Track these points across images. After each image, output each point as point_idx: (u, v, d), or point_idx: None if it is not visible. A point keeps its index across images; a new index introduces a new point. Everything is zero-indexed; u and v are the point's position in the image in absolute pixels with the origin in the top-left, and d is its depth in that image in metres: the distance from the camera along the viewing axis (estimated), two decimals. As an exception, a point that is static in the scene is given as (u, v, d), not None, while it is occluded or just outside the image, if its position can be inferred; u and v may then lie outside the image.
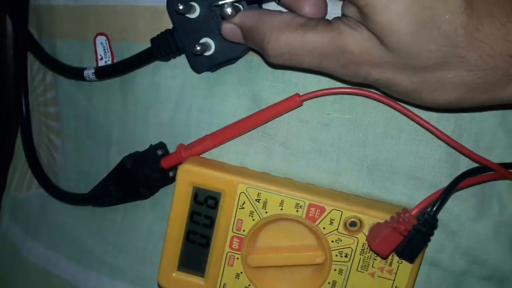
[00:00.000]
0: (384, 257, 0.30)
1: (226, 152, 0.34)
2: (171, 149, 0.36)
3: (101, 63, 0.38)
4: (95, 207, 0.40)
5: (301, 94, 0.31)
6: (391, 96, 0.28)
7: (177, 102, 0.35)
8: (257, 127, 0.33)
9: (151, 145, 0.36)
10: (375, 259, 0.31)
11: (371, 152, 0.32)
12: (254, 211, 0.31)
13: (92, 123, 0.39)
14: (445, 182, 0.30)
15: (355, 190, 0.33)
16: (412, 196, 0.32)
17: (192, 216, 0.32)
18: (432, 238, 0.30)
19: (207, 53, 0.32)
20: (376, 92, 0.30)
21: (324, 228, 0.31)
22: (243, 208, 0.31)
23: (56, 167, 0.43)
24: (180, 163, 0.34)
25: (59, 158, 0.43)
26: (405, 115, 0.30)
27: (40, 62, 0.43)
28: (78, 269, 0.41)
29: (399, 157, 0.32)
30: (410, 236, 0.28)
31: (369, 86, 0.29)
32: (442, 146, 0.31)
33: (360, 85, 0.30)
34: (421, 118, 0.30)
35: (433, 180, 0.32)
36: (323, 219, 0.31)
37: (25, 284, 0.44)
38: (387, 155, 0.32)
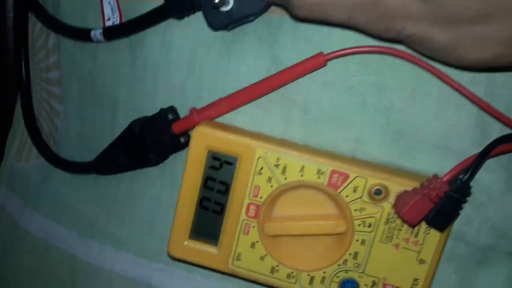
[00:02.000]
0: (413, 226, 0.28)
1: (242, 117, 0.32)
2: (182, 114, 0.34)
3: (109, 24, 0.36)
4: (98, 176, 0.38)
5: (325, 53, 0.29)
6: (423, 54, 0.27)
7: (190, 63, 0.33)
8: (276, 89, 0.31)
9: (161, 108, 0.34)
10: (400, 230, 0.29)
11: (397, 118, 0.30)
12: (273, 177, 0.29)
13: (97, 86, 0.37)
14: (474, 151, 0.29)
15: (379, 158, 0.31)
16: (439, 165, 0.30)
17: (206, 182, 0.31)
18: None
19: (225, 9, 0.30)
20: (405, 51, 0.28)
21: (347, 196, 0.29)
22: (261, 173, 0.30)
23: (57, 135, 0.41)
24: (193, 127, 0.32)
25: (61, 125, 0.40)
26: (435, 75, 0.28)
27: (42, 24, 0.40)
28: (79, 240, 0.39)
29: (426, 124, 0.30)
30: (441, 203, 0.27)
31: (398, 44, 0.27)
32: (472, 112, 0.29)
33: (390, 42, 0.28)
34: (452, 80, 0.28)
35: (461, 149, 0.30)
36: (346, 186, 0.29)
37: (23, 255, 0.42)
38: (414, 122, 0.30)
